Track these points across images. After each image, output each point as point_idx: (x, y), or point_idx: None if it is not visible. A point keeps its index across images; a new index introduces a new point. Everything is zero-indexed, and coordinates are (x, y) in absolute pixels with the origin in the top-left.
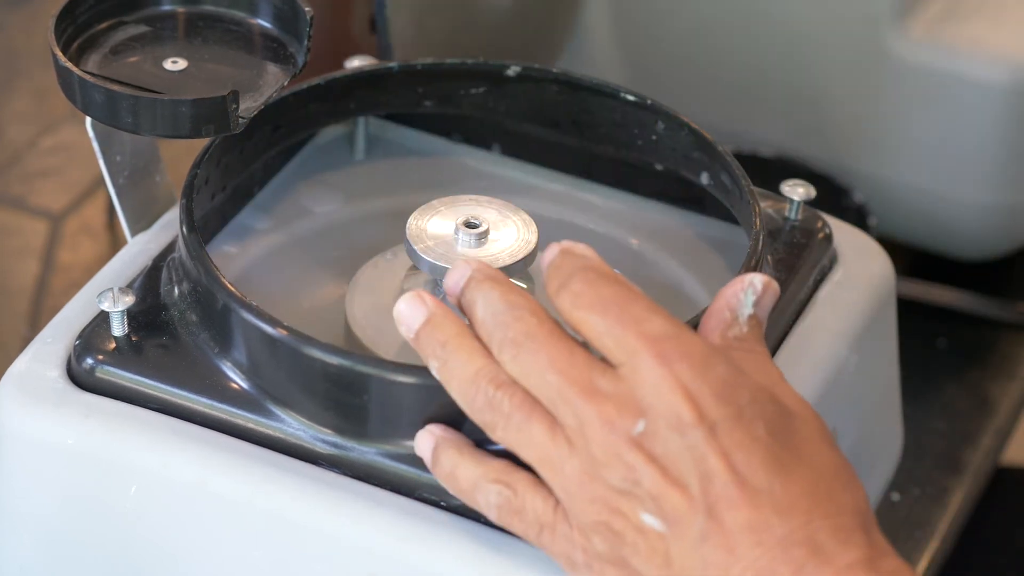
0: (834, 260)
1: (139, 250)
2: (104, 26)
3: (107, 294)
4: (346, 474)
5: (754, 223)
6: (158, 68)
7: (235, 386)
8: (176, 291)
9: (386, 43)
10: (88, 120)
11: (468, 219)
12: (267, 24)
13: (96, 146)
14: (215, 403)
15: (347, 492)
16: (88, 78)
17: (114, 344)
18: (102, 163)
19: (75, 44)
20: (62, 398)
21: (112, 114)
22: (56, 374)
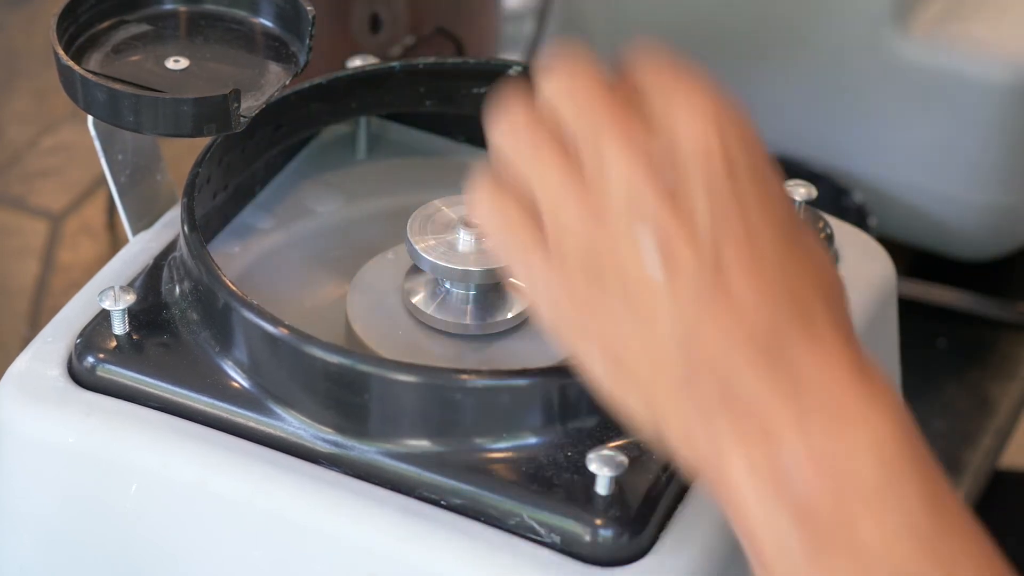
0: (834, 260)
1: (140, 249)
2: (106, 25)
3: (108, 292)
4: (347, 473)
5: None
6: (160, 67)
7: (236, 385)
8: (177, 290)
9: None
10: (90, 119)
11: (469, 218)
12: (269, 23)
13: (98, 145)
14: (216, 402)
15: (347, 491)
16: (90, 77)
17: (115, 343)
18: (104, 162)
19: (77, 43)
20: (63, 397)
21: (114, 113)
22: (57, 373)
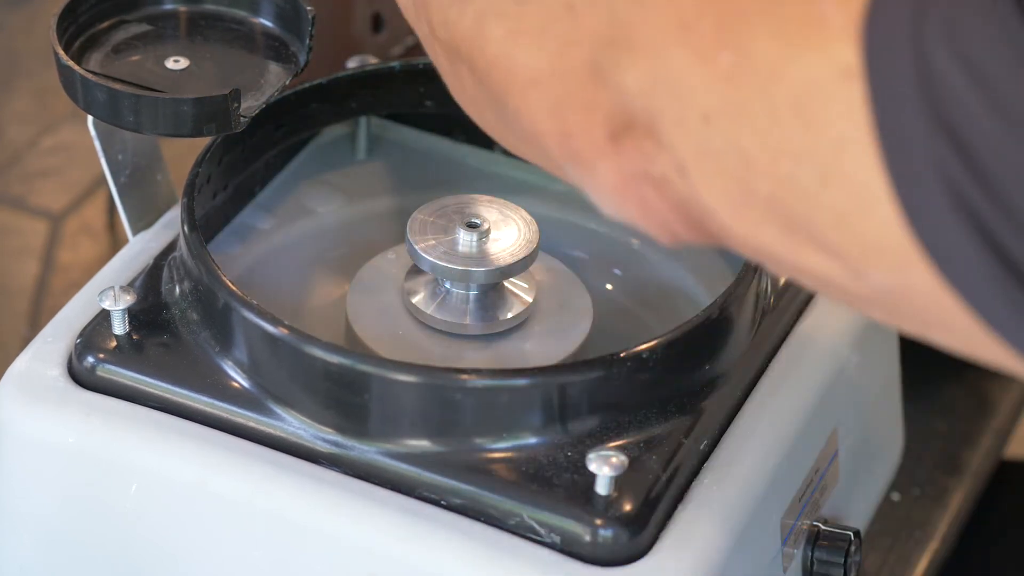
0: None
1: (140, 249)
2: (106, 25)
3: (108, 292)
4: (347, 473)
5: None
6: (160, 67)
7: (236, 385)
8: (177, 290)
9: None
10: (90, 119)
11: (469, 218)
12: (269, 23)
13: (98, 145)
14: (216, 402)
15: (347, 491)
16: (90, 77)
17: (115, 343)
18: (104, 162)
19: (77, 43)
20: (63, 397)
21: (114, 113)
22: (57, 373)
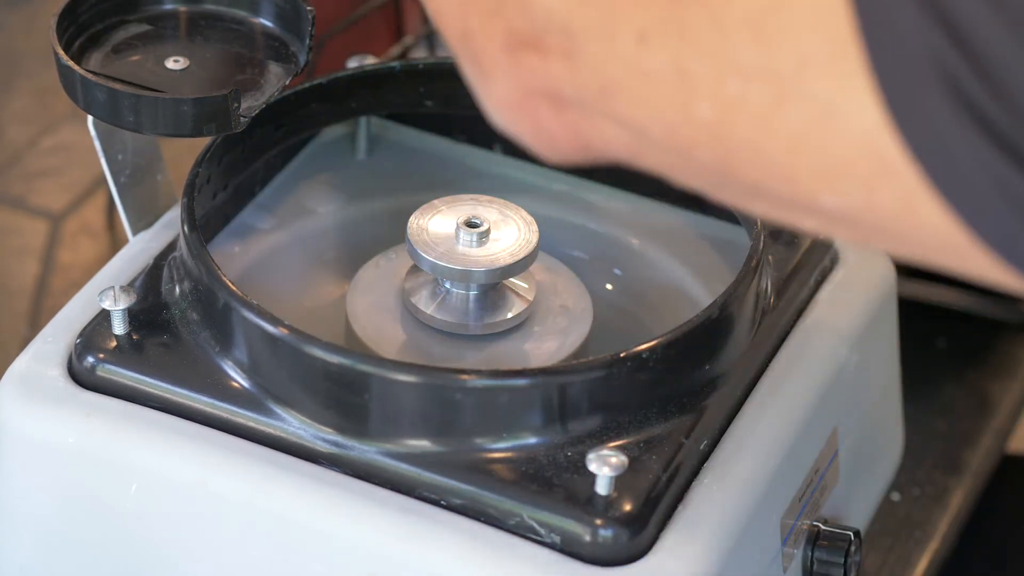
0: (835, 260)
1: (140, 249)
2: (106, 25)
3: (108, 292)
4: (347, 473)
5: (755, 223)
6: (160, 67)
7: (236, 385)
8: (177, 290)
9: None
10: (90, 119)
11: (469, 218)
12: (269, 23)
13: (98, 145)
14: (216, 402)
15: (347, 491)
16: (90, 77)
17: (115, 343)
18: (104, 162)
19: (77, 43)
20: (63, 397)
21: (114, 113)
22: (57, 373)
